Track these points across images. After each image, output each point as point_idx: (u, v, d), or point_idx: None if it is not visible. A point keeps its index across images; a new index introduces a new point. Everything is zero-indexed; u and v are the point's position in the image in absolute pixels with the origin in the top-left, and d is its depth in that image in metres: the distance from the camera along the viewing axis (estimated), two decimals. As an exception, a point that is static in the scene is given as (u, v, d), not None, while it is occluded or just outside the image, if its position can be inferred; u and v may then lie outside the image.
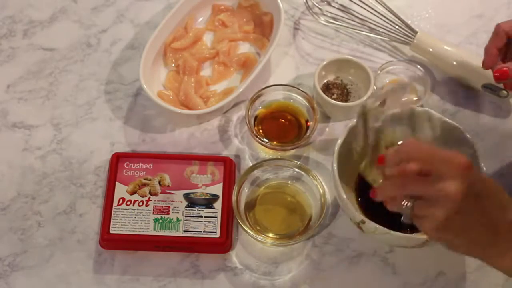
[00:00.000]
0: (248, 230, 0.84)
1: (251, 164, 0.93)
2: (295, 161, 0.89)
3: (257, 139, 0.91)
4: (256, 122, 0.94)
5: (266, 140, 0.91)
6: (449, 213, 0.64)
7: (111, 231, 0.86)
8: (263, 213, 0.89)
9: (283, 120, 0.95)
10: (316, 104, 0.93)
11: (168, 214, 0.87)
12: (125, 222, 0.87)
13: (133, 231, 0.86)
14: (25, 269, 0.87)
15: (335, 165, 0.82)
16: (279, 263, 0.88)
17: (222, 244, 0.87)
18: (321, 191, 0.86)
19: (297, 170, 0.89)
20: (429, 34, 1.00)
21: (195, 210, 0.88)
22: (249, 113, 0.92)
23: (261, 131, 0.94)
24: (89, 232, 0.89)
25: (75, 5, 1.08)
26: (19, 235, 0.89)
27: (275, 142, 0.92)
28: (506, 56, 0.86)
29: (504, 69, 0.83)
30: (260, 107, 0.95)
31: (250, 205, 0.89)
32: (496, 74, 0.84)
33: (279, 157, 0.93)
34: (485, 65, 0.86)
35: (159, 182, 0.90)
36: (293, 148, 0.93)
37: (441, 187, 0.64)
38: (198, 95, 0.98)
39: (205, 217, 0.87)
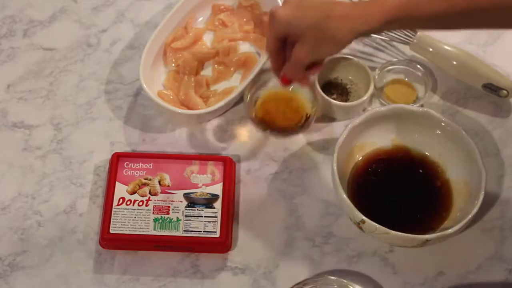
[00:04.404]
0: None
1: (251, 164, 0.93)
2: None
3: (254, 120, 0.92)
4: (257, 105, 0.94)
5: (264, 125, 0.92)
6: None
7: (111, 231, 0.86)
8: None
9: (283, 107, 0.95)
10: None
11: (168, 214, 0.87)
12: (125, 222, 0.87)
13: (133, 231, 0.86)
14: (25, 269, 0.87)
15: (335, 165, 0.82)
16: (279, 263, 0.88)
17: (222, 244, 0.87)
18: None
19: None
20: (429, 34, 1.00)
21: (195, 210, 0.88)
22: (250, 95, 0.93)
23: (260, 114, 0.94)
24: (89, 232, 0.89)
25: (75, 5, 1.08)
26: (19, 235, 0.89)
27: (273, 128, 0.93)
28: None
29: (285, 77, 0.82)
30: (262, 91, 0.95)
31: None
32: (282, 81, 0.83)
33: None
34: (272, 68, 0.84)
35: (159, 182, 0.90)
36: (292, 134, 0.94)
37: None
38: (198, 95, 0.98)
39: (205, 217, 0.87)
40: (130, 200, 0.88)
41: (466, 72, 0.98)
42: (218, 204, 0.88)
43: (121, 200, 0.88)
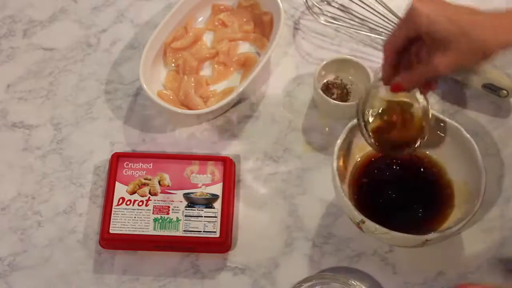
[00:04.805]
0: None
1: (251, 164, 0.93)
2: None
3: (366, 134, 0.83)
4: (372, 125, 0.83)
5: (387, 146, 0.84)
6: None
7: (111, 231, 0.86)
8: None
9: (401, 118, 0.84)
10: (316, 104, 0.93)
11: (168, 214, 0.87)
12: (125, 222, 0.87)
13: (133, 231, 0.86)
14: (25, 269, 0.87)
15: (335, 165, 0.82)
16: (279, 263, 0.88)
17: (222, 244, 0.87)
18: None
19: None
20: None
21: (195, 210, 0.88)
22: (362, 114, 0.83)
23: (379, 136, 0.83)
24: (89, 232, 0.89)
25: (75, 5, 1.08)
26: (19, 235, 0.89)
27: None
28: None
29: (399, 84, 0.76)
30: (374, 105, 0.84)
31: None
32: (394, 88, 0.77)
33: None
34: (384, 79, 0.78)
35: (159, 182, 0.90)
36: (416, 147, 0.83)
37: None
38: (198, 95, 0.98)
39: (205, 217, 0.87)
40: (130, 200, 0.88)
41: (466, 72, 0.98)
42: (218, 204, 0.88)
43: (121, 200, 0.88)
